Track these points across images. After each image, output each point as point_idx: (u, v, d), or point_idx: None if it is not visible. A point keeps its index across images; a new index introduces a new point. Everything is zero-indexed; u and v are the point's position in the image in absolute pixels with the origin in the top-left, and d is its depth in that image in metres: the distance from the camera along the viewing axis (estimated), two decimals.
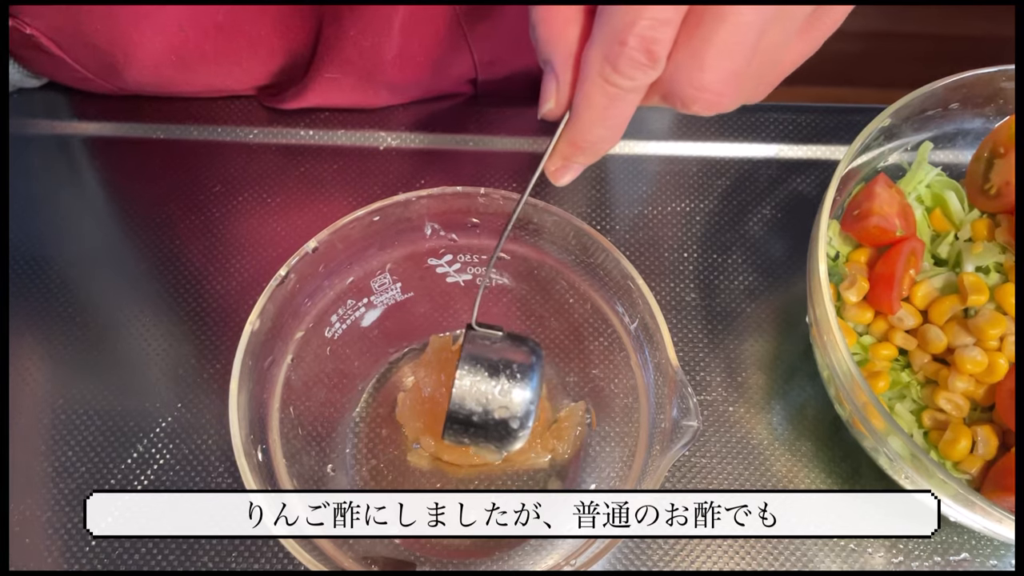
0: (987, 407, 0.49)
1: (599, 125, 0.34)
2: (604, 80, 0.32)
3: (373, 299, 0.51)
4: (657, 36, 0.30)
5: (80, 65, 0.59)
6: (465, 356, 0.40)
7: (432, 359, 0.52)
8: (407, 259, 0.49)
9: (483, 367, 0.40)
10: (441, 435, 0.42)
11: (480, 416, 0.40)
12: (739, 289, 0.58)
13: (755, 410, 0.55)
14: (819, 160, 0.63)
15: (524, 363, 0.41)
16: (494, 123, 0.64)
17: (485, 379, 0.40)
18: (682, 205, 0.61)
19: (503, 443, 0.41)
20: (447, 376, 0.52)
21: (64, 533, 0.50)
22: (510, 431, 0.40)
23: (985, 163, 0.53)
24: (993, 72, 0.51)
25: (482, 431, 0.40)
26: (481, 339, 0.41)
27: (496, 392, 0.40)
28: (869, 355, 0.50)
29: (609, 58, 0.31)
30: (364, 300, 0.50)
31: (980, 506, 0.41)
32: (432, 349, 0.53)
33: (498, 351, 0.41)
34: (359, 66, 0.59)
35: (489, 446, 0.41)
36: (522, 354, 0.41)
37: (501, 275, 0.51)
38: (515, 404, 0.40)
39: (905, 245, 0.50)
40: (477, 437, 0.41)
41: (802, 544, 0.51)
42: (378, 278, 0.50)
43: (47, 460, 0.52)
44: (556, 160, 0.36)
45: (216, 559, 0.49)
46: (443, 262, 0.51)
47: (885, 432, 0.44)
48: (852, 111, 0.65)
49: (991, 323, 0.47)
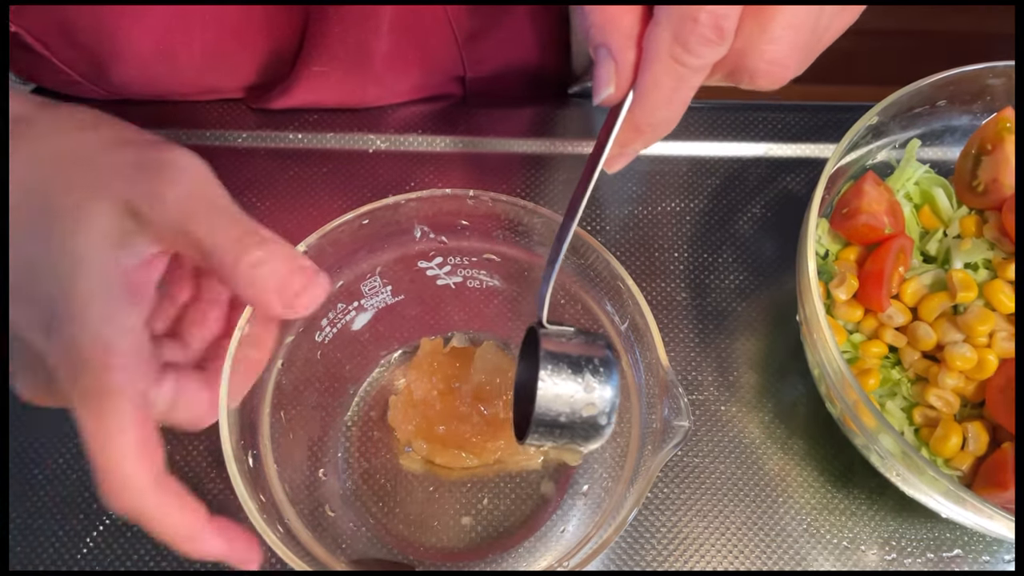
0: (977, 403, 0.49)
1: (664, 108, 0.34)
2: (674, 60, 0.32)
3: (363, 302, 0.51)
4: (727, 12, 0.31)
5: (66, 65, 0.58)
6: (545, 355, 0.38)
7: (423, 362, 0.52)
8: (397, 262, 0.49)
9: (565, 365, 0.39)
10: (519, 438, 0.40)
11: (568, 416, 0.38)
12: (730, 288, 0.58)
13: (747, 409, 0.55)
14: (808, 158, 0.64)
15: (604, 357, 0.39)
16: (484, 125, 0.64)
17: (569, 377, 0.38)
18: (672, 205, 0.61)
19: (589, 440, 0.40)
20: (439, 379, 0.51)
21: (63, 534, 0.50)
22: (598, 428, 0.39)
23: (973, 160, 0.53)
24: (980, 69, 0.51)
25: (568, 431, 0.39)
26: (556, 337, 0.40)
27: (582, 389, 0.38)
28: (859, 353, 0.50)
29: (679, 37, 0.31)
30: (354, 304, 0.50)
31: (971, 502, 0.41)
32: (423, 352, 0.53)
33: (576, 347, 0.39)
34: (346, 60, 0.59)
35: (574, 445, 0.40)
36: (600, 348, 0.40)
37: (491, 277, 0.51)
38: (602, 400, 0.39)
39: (894, 243, 0.50)
40: (563, 437, 0.39)
41: (795, 542, 0.51)
42: (368, 281, 0.49)
43: (45, 461, 0.51)
44: (614, 147, 0.36)
45: (208, 562, 0.49)
46: (433, 264, 0.50)
47: (876, 430, 0.44)
48: (841, 109, 0.65)
49: (980, 319, 0.47)
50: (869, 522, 0.51)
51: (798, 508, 0.52)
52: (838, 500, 0.52)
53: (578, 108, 0.66)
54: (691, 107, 0.65)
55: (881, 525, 0.51)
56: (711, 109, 0.65)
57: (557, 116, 0.65)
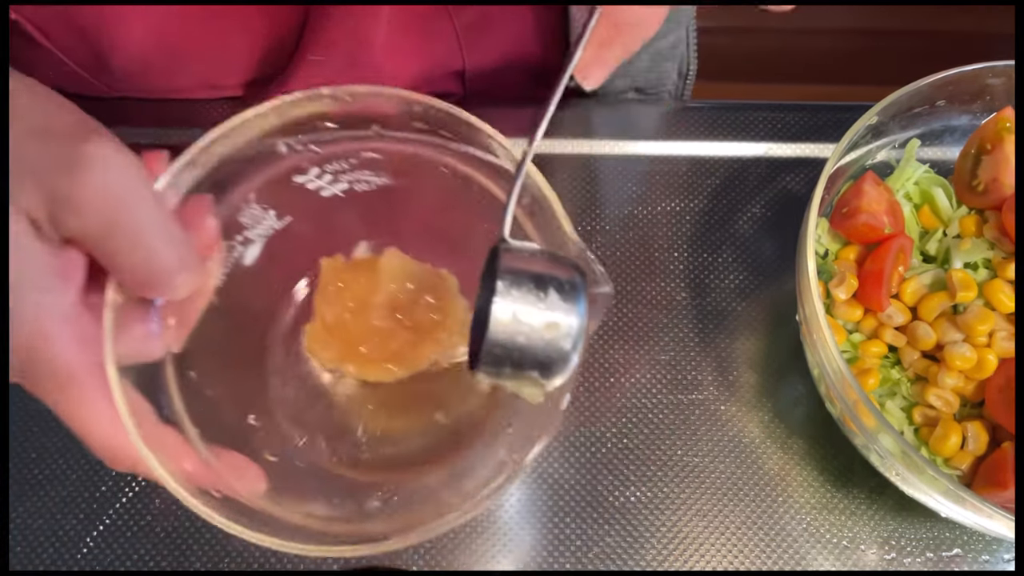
0: (977, 403, 0.49)
1: None
2: None
3: (248, 234, 0.47)
4: None
5: (66, 56, 0.58)
6: (504, 270, 0.35)
7: (327, 282, 0.50)
8: (271, 184, 0.45)
9: (526, 279, 0.35)
10: (471, 366, 0.36)
11: (527, 336, 0.34)
12: (730, 288, 0.58)
13: (747, 408, 0.55)
14: (809, 158, 0.64)
15: (572, 279, 0.35)
16: None
17: (531, 292, 0.34)
18: (672, 204, 0.61)
19: (552, 369, 0.35)
20: (348, 297, 0.49)
21: (63, 534, 0.50)
22: (562, 352, 0.35)
23: (973, 159, 0.53)
24: (979, 69, 0.51)
25: (529, 356, 0.35)
26: (519, 252, 0.36)
27: (545, 308, 0.34)
28: (859, 352, 0.50)
29: None
30: (238, 238, 0.46)
31: (971, 502, 0.41)
32: (325, 272, 0.50)
33: (540, 265, 0.36)
34: (344, 48, 0.59)
35: (534, 374, 0.36)
36: (567, 270, 0.36)
37: (378, 175, 0.48)
38: (567, 322, 0.35)
39: (894, 242, 0.50)
40: (522, 365, 0.35)
41: (794, 542, 0.51)
42: (246, 211, 0.46)
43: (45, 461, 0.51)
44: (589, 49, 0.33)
45: (207, 562, 0.49)
46: (311, 176, 0.47)
47: (875, 430, 0.44)
48: (841, 109, 0.65)
49: (980, 319, 0.47)
50: (869, 521, 0.51)
51: (798, 508, 0.52)
52: (838, 500, 0.52)
53: (578, 108, 0.66)
54: (691, 107, 0.65)
55: (881, 524, 0.51)
56: (711, 109, 0.65)
57: (557, 116, 0.65)
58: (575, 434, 0.53)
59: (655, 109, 0.66)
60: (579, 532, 0.51)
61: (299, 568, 0.49)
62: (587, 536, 0.51)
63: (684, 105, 0.66)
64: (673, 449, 0.53)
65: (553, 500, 0.52)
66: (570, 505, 0.51)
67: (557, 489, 0.52)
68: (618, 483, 0.52)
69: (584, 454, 0.53)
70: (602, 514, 0.51)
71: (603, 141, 0.64)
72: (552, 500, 0.52)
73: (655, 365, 0.56)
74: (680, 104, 0.69)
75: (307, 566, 0.49)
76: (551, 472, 0.52)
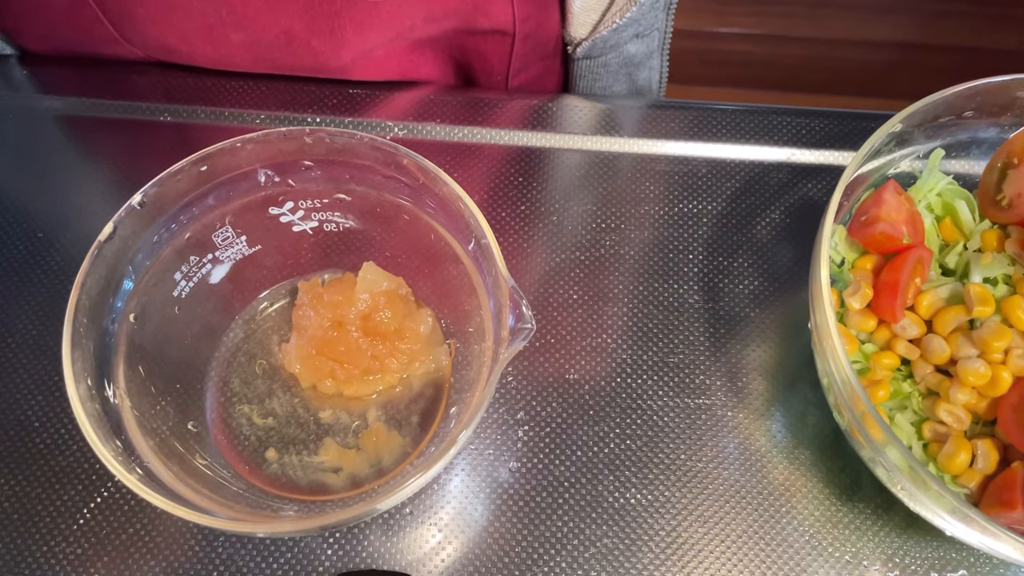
0: (989, 421, 0.47)
1: None
2: None
3: (218, 254, 0.50)
4: None
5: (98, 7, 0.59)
6: None
7: (307, 303, 0.52)
8: (246, 209, 0.49)
9: None
10: None
11: None
12: (744, 293, 0.58)
13: (754, 416, 0.54)
14: (832, 165, 0.63)
15: None
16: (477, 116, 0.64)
17: None
18: (689, 206, 0.61)
19: None
20: (324, 313, 0.51)
21: (61, 504, 0.50)
22: None
23: (999, 173, 0.51)
24: (1008, 80, 0.50)
25: None
26: None
27: None
28: (870, 363, 0.49)
29: None
30: (208, 256, 0.49)
31: (978, 522, 0.40)
32: (303, 293, 0.52)
33: None
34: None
35: None
36: None
37: (346, 217, 0.51)
38: None
39: (912, 253, 0.49)
40: None
41: (796, 554, 0.50)
42: (219, 232, 0.49)
43: (47, 430, 0.52)
44: None
45: (202, 540, 0.49)
46: (285, 210, 0.50)
47: (882, 443, 0.43)
48: (868, 117, 0.64)
49: (996, 335, 0.46)
50: (873, 538, 0.50)
51: (801, 519, 0.51)
52: (843, 514, 0.51)
53: (577, 104, 0.65)
54: (713, 108, 0.65)
55: (885, 542, 0.50)
56: (734, 111, 0.64)
57: (554, 109, 0.65)
58: (577, 432, 0.53)
59: (677, 110, 0.66)
60: (576, 531, 0.50)
61: (297, 567, 0.49)
62: (584, 536, 0.50)
63: (707, 106, 0.65)
64: (676, 453, 0.52)
65: (552, 497, 0.51)
66: (569, 503, 0.51)
67: (556, 487, 0.51)
68: (618, 484, 0.51)
69: (586, 453, 0.52)
70: (601, 514, 0.51)
71: (623, 139, 0.63)
72: (551, 497, 0.51)
73: (663, 367, 0.55)
74: (703, 106, 0.68)
75: (305, 569, 0.49)
76: (551, 469, 0.52)
